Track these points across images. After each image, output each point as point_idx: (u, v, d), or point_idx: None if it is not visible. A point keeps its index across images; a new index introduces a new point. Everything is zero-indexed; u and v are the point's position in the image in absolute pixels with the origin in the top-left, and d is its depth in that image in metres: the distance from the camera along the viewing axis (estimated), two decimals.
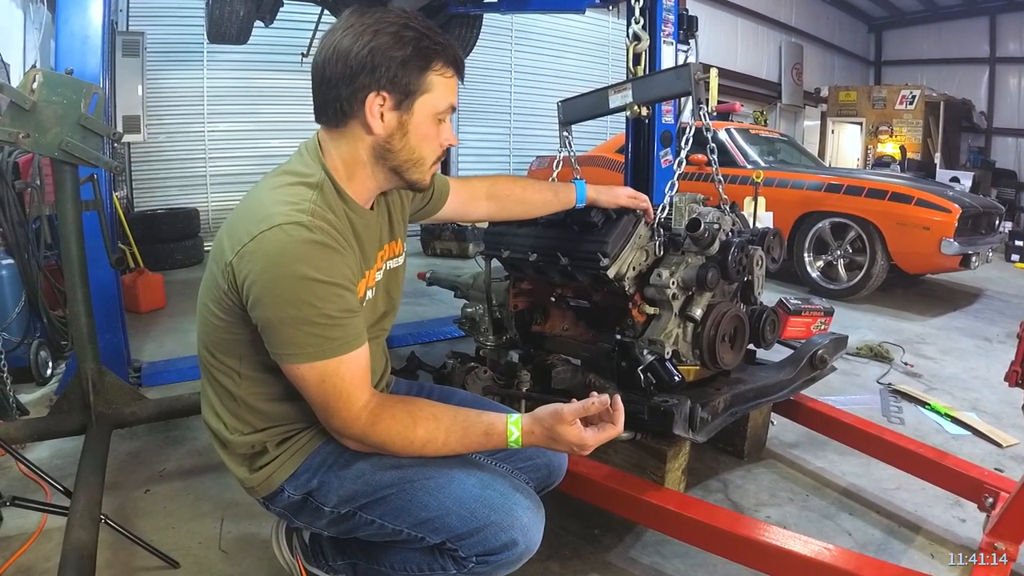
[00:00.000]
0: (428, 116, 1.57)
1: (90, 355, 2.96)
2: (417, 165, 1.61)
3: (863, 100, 17.49)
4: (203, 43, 8.52)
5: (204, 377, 1.71)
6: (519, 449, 1.66)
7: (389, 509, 1.60)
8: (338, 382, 1.47)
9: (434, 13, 5.43)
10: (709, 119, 2.53)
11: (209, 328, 1.59)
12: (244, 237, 1.42)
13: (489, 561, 1.56)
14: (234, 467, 1.71)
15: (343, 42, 1.50)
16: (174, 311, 5.89)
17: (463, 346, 3.77)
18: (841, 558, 1.92)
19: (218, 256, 1.50)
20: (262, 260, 1.40)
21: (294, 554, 1.97)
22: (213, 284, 1.52)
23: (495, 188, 2.27)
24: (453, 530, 1.55)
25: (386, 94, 1.51)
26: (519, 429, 1.56)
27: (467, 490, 1.57)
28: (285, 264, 1.39)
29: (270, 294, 1.40)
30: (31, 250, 4.12)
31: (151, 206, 8.72)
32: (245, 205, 1.54)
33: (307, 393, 1.50)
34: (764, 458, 3.16)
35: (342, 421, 1.51)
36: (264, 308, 1.42)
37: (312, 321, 1.41)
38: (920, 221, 6.03)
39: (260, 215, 1.44)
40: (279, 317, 1.41)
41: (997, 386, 4.09)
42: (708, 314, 2.42)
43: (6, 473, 2.81)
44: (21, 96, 2.58)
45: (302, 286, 1.40)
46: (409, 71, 1.51)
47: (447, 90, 1.58)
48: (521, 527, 1.55)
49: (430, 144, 1.61)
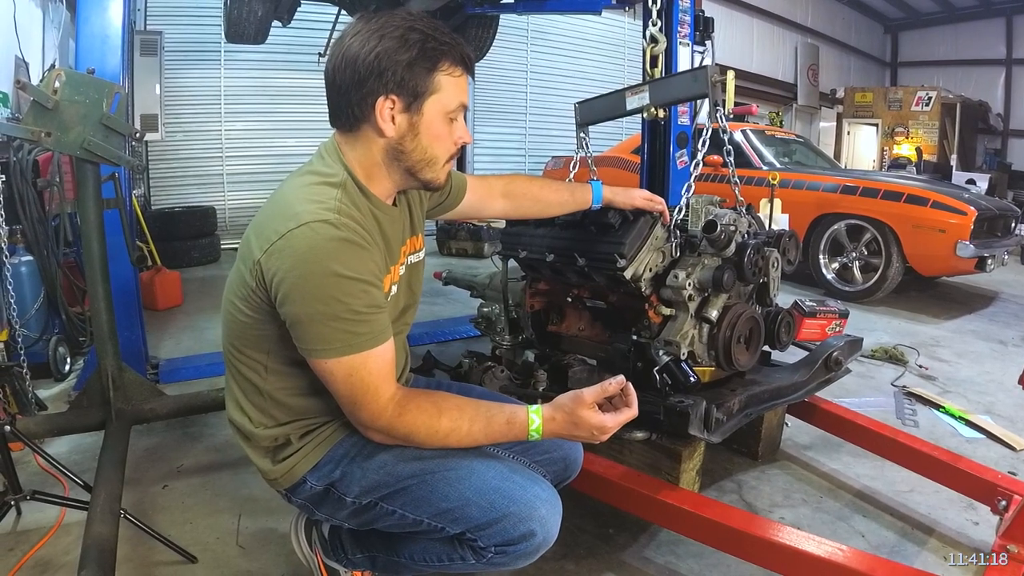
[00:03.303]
0: (438, 116, 1.60)
1: (110, 351, 2.99)
2: (430, 165, 1.64)
3: (879, 101, 17.46)
4: (221, 42, 8.60)
5: (229, 372, 1.73)
6: (537, 443, 1.74)
7: (410, 499, 1.63)
8: (365, 376, 1.50)
9: (450, 14, 5.45)
10: (725, 121, 2.54)
11: (235, 324, 1.61)
12: (272, 236, 1.45)
13: (508, 552, 1.59)
14: (257, 459, 1.74)
15: (351, 48, 1.53)
16: (191, 308, 5.93)
17: (479, 345, 3.79)
18: (854, 559, 1.92)
19: (246, 255, 1.53)
20: (291, 258, 1.43)
21: (313, 548, 1.98)
22: (240, 282, 1.54)
23: (511, 186, 2.29)
24: (473, 520, 1.58)
25: (395, 97, 1.54)
26: (540, 418, 1.59)
27: (487, 481, 1.60)
28: (314, 261, 1.42)
29: (299, 291, 1.43)
30: (50, 247, 4.16)
31: (168, 204, 8.78)
32: (271, 205, 1.58)
33: (334, 388, 1.52)
34: (778, 459, 3.16)
35: (370, 414, 1.54)
36: (293, 304, 1.44)
37: (340, 317, 1.44)
38: (936, 223, 5.99)
39: (287, 214, 1.47)
40: (308, 313, 1.44)
41: (1012, 389, 4.08)
42: (724, 315, 2.42)
43: (25, 468, 2.82)
44: (44, 95, 2.61)
45: (331, 283, 1.42)
46: (416, 73, 1.53)
47: (456, 89, 1.60)
48: (539, 518, 1.58)
49: (442, 143, 1.63)
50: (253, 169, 9.48)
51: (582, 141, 3.06)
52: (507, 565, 1.64)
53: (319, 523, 2.00)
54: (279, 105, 9.51)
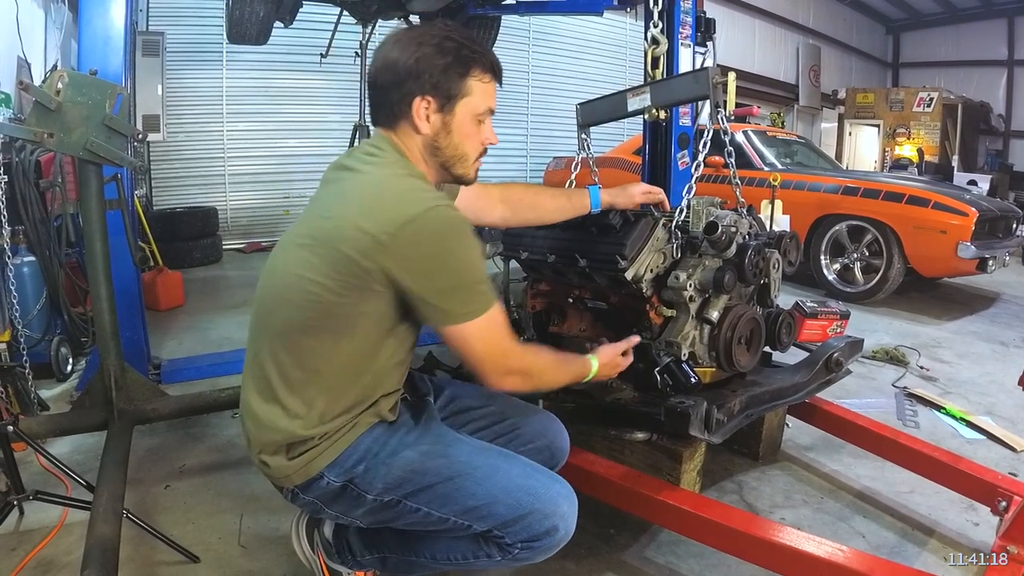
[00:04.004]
0: (469, 117, 1.75)
1: (113, 352, 3.00)
2: (462, 160, 1.80)
3: (880, 102, 17.46)
4: (223, 43, 8.60)
5: (266, 364, 1.72)
6: (520, 434, 2.01)
7: (436, 497, 1.69)
8: (500, 326, 1.68)
9: (453, 15, 5.45)
10: (726, 122, 2.54)
11: (312, 307, 1.63)
12: (400, 219, 1.54)
13: (533, 547, 1.70)
14: (268, 457, 1.73)
15: (392, 54, 1.70)
16: (193, 309, 5.92)
17: None
18: (855, 560, 1.92)
19: (354, 238, 1.57)
20: (427, 238, 1.56)
21: (315, 550, 1.99)
22: (338, 267, 1.59)
23: (508, 193, 2.35)
24: (500, 517, 1.67)
25: (430, 98, 1.70)
26: (596, 360, 1.98)
27: (512, 479, 1.70)
28: (454, 238, 1.59)
29: (444, 265, 1.59)
30: (53, 248, 4.17)
31: (170, 205, 8.77)
32: (370, 195, 1.64)
33: (473, 349, 1.66)
34: (779, 460, 3.17)
35: (516, 358, 1.75)
36: (434, 278, 1.59)
37: (480, 280, 1.63)
38: (937, 224, 5.99)
39: (403, 199, 1.60)
40: (457, 283, 1.60)
41: (1013, 391, 4.08)
42: (724, 316, 2.43)
43: (27, 468, 2.83)
44: (47, 96, 2.62)
45: (471, 255, 1.62)
46: (450, 77, 1.69)
47: (485, 94, 1.77)
48: (561, 514, 1.70)
49: (471, 142, 1.79)
50: (255, 170, 9.50)
51: (583, 142, 3.07)
52: (530, 560, 1.74)
53: (321, 525, 2.00)
54: (281, 106, 9.52)
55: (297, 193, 9.63)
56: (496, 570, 2.31)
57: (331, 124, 9.60)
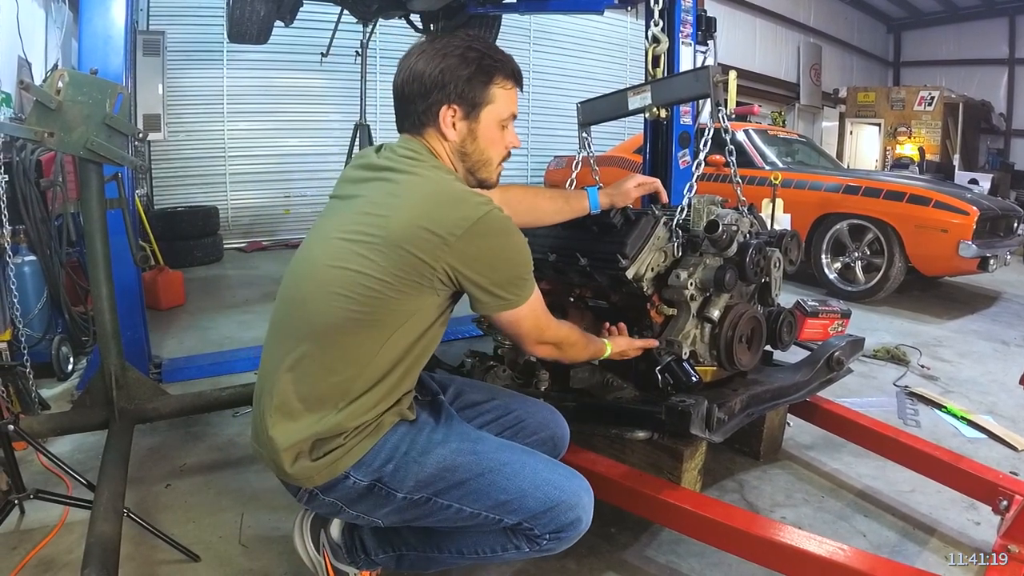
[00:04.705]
0: (493, 123, 1.85)
1: (113, 351, 2.99)
2: (486, 165, 1.90)
3: (882, 101, 17.45)
4: (223, 42, 8.59)
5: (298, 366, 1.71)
6: (525, 425, 2.09)
7: (468, 493, 1.74)
8: (542, 305, 1.87)
9: (453, 14, 5.46)
10: (727, 121, 2.54)
11: (362, 304, 1.65)
12: (463, 222, 1.63)
13: (560, 537, 1.77)
14: (288, 460, 1.70)
15: (418, 65, 1.77)
16: (194, 308, 5.91)
17: (481, 345, 3.78)
18: (856, 559, 1.92)
19: (422, 238, 1.62)
20: (493, 236, 1.68)
21: (320, 551, 1.99)
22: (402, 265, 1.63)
23: (506, 196, 2.34)
24: (531, 510, 1.73)
25: (456, 107, 1.79)
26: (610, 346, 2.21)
27: (539, 473, 1.77)
28: (510, 236, 1.71)
29: (503, 260, 1.72)
30: (53, 247, 4.17)
31: (171, 204, 8.76)
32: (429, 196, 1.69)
33: (521, 327, 1.84)
34: (780, 459, 3.17)
35: (553, 331, 1.92)
36: (496, 273, 1.71)
37: (530, 270, 1.78)
38: (938, 223, 5.98)
39: (465, 202, 1.68)
40: (514, 275, 1.74)
41: (1014, 390, 4.08)
42: (725, 315, 2.43)
43: (28, 467, 2.83)
44: (47, 96, 2.61)
45: (522, 250, 1.75)
46: (474, 86, 1.78)
47: (508, 100, 1.86)
48: (584, 506, 1.78)
49: (496, 147, 1.90)
50: (256, 169, 9.50)
51: (584, 141, 3.07)
52: (554, 550, 1.81)
53: (327, 526, 2.00)
54: (282, 105, 9.52)
55: (298, 192, 9.64)
56: (504, 566, 2.32)
57: (332, 123, 9.63)
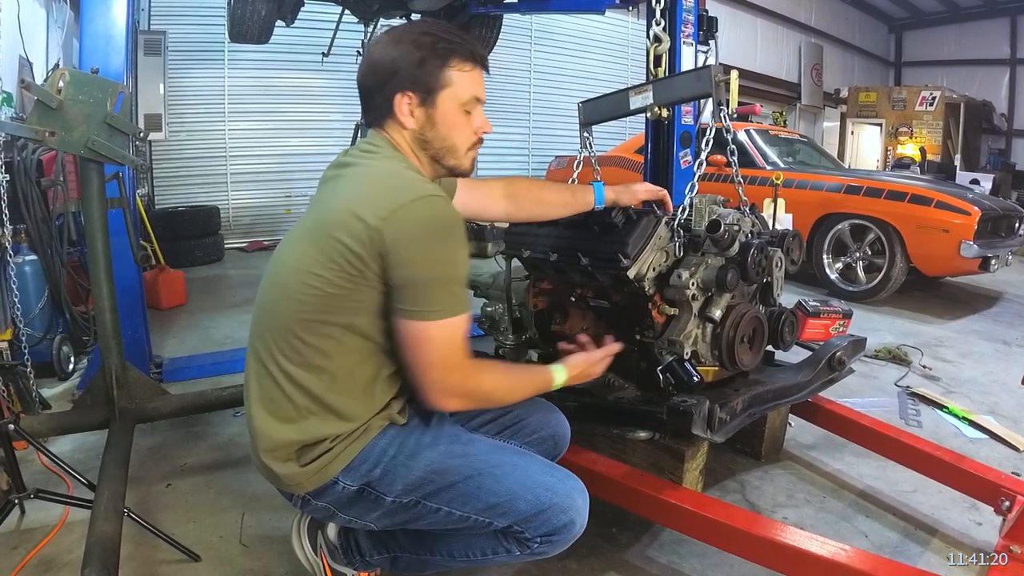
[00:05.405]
0: (453, 108, 1.75)
1: (114, 351, 2.99)
2: (451, 152, 1.80)
3: (883, 101, 17.43)
4: (224, 42, 8.60)
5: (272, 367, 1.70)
6: (525, 425, 2.04)
7: (457, 496, 1.70)
8: (458, 337, 1.64)
9: (454, 13, 5.45)
10: (729, 121, 2.54)
11: (314, 300, 1.62)
12: (392, 205, 1.56)
13: (552, 540, 1.72)
14: (278, 464, 1.70)
15: (373, 55, 1.75)
16: (195, 308, 5.92)
17: (482, 345, 3.77)
18: (858, 559, 1.92)
19: (349, 225, 1.57)
20: (417, 224, 1.56)
21: (318, 552, 1.98)
22: (334, 253, 1.58)
23: (512, 187, 2.36)
24: (521, 513, 1.68)
25: (411, 93, 1.72)
26: (561, 372, 1.94)
27: (531, 475, 1.72)
28: (440, 229, 1.58)
29: (425, 254, 1.57)
30: (54, 246, 4.17)
31: (172, 203, 8.78)
32: (367, 184, 1.68)
33: (427, 351, 1.62)
34: (781, 459, 3.16)
35: (461, 373, 1.66)
36: (416, 267, 1.57)
37: (454, 280, 1.61)
38: (939, 223, 5.98)
39: (398, 187, 1.62)
40: (430, 275, 1.58)
41: (1016, 390, 4.08)
42: (727, 315, 2.42)
43: (29, 466, 2.83)
44: (48, 95, 2.61)
45: (452, 249, 1.60)
46: (428, 70, 1.70)
47: (468, 82, 1.76)
48: (577, 508, 1.72)
49: (459, 133, 1.79)
50: (257, 169, 9.50)
51: (586, 141, 3.06)
52: (547, 554, 1.76)
53: (324, 527, 2.00)
54: (283, 105, 9.53)
55: (299, 192, 9.64)
56: (505, 567, 2.31)
57: (333, 123, 9.62)
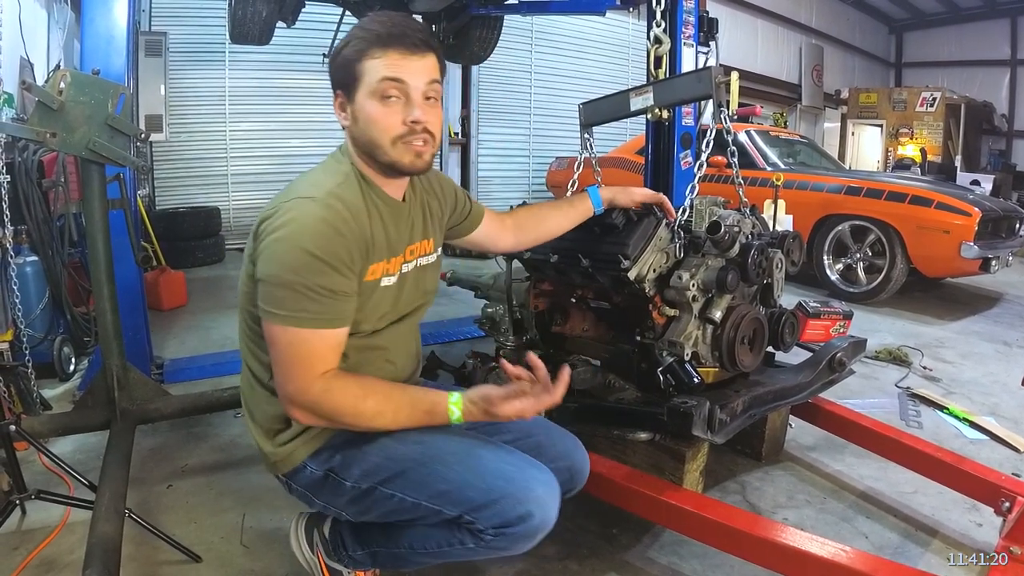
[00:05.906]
0: (368, 100, 1.69)
1: (115, 351, 3.00)
2: (375, 147, 1.72)
3: (883, 102, 17.43)
4: (225, 43, 8.59)
5: (244, 349, 1.83)
6: (543, 452, 1.84)
7: (408, 482, 1.68)
8: (303, 349, 1.60)
9: (455, 15, 5.45)
10: (729, 122, 2.54)
11: (248, 292, 1.71)
12: (277, 202, 1.65)
13: (506, 533, 1.61)
14: (260, 440, 1.81)
15: None
16: (195, 308, 5.92)
17: (483, 346, 3.78)
18: (858, 560, 1.92)
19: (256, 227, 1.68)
20: (281, 223, 1.59)
21: (314, 551, 1.99)
22: (250, 252, 1.69)
23: (517, 219, 2.39)
24: (471, 502, 1.62)
25: (340, 92, 1.75)
26: (460, 409, 1.66)
27: (485, 463, 1.67)
28: (291, 231, 1.58)
29: (271, 253, 1.58)
30: (55, 247, 4.17)
31: (173, 204, 8.77)
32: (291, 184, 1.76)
33: (273, 353, 1.63)
34: (782, 460, 3.16)
35: (296, 387, 1.61)
36: (264, 264, 1.60)
37: (295, 288, 1.56)
38: (940, 224, 5.99)
39: (293, 187, 1.70)
40: (271, 275, 1.58)
41: (1016, 391, 4.08)
42: (727, 316, 2.42)
43: (30, 467, 2.83)
44: (49, 96, 2.62)
45: (296, 254, 1.56)
46: (345, 67, 1.70)
47: (379, 68, 1.66)
48: (536, 499, 1.61)
49: (377, 126, 1.70)
50: (257, 170, 9.47)
51: (586, 142, 3.06)
52: (506, 549, 1.66)
53: (320, 524, 2.01)
54: (283, 106, 9.51)
55: None
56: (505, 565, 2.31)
57: (334, 124, 9.42)
